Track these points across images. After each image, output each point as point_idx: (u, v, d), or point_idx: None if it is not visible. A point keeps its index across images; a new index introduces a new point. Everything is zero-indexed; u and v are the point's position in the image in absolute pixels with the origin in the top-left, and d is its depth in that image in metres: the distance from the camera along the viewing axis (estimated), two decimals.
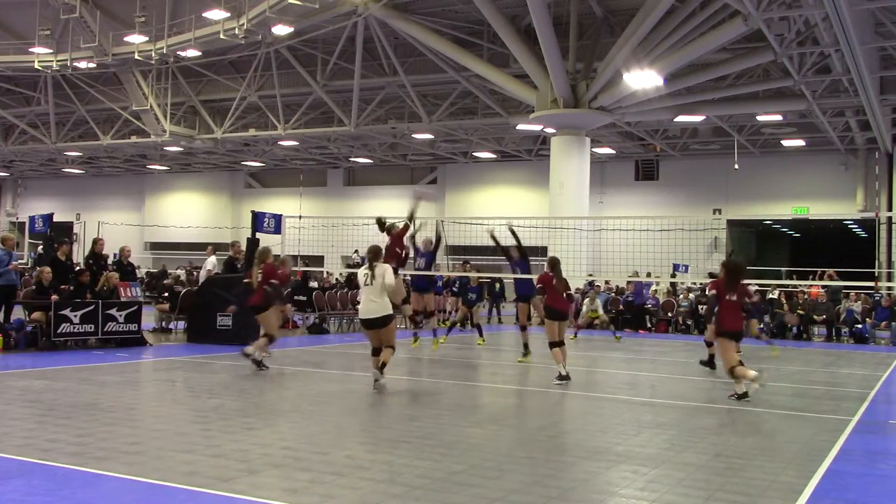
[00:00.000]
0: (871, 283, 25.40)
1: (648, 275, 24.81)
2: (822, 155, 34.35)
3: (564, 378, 11.69)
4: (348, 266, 29.78)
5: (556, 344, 11.89)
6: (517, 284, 15.28)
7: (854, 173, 33.94)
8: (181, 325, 18.21)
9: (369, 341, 10.99)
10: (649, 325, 24.80)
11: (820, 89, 25.47)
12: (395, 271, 12.69)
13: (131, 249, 18.68)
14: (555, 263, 12.14)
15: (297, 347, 16.83)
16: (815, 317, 22.78)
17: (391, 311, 10.79)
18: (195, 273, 24.71)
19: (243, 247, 17.80)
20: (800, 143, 33.23)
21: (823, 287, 23.08)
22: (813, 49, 22.03)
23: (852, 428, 8.99)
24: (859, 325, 22.39)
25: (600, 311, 22.74)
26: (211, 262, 20.16)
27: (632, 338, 21.77)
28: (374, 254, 10.86)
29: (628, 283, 24.70)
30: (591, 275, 26.97)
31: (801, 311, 22.98)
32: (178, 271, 28.98)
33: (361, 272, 10.76)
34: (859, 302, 23.38)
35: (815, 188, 34.07)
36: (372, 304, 10.61)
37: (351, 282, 24.80)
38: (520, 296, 15.40)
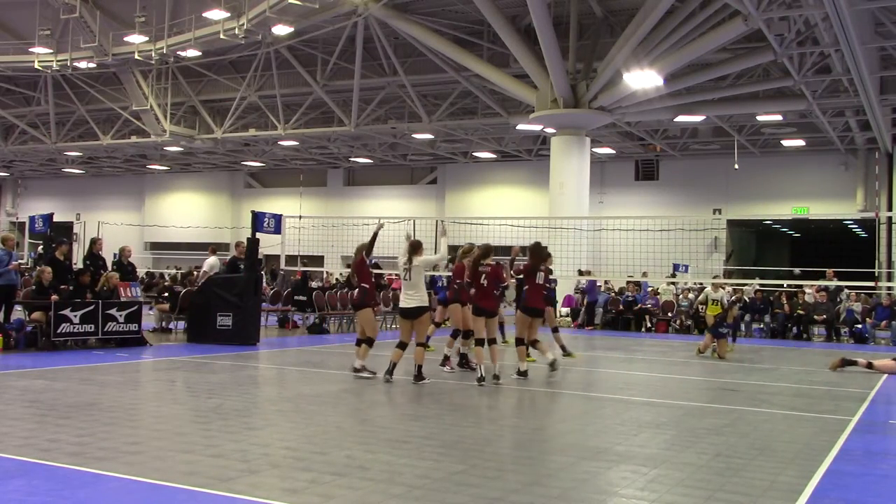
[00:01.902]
0: (871, 283, 25.41)
1: (644, 274, 24.83)
2: (822, 155, 34.35)
3: (481, 380, 11.55)
4: (349, 266, 29.81)
5: (480, 342, 11.85)
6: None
7: (854, 173, 33.93)
8: (181, 325, 18.24)
9: (400, 333, 11.70)
10: (649, 324, 24.81)
11: (820, 89, 25.46)
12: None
13: (132, 249, 18.68)
14: (485, 252, 11.97)
15: (298, 347, 16.84)
16: (815, 317, 22.78)
17: (426, 305, 11.58)
18: (195, 272, 24.70)
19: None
20: (800, 143, 33.22)
21: (823, 287, 23.08)
22: (813, 49, 22.02)
23: (852, 428, 9.00)
24: (859, 325, 22.39)
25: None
26: (208, 264, 20.12)
27: (586, 335, 21.74)
28: (413, 248, 11.55)
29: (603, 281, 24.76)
30: (587, 272, 26.96)
31: (801, 311, 22.98)
32: (175, 271, 28.97)
33: (401, 267, 11.54)
34: (859, 302, 23.36)
35: (815, 188, 34.06)
36: (408, 296, 11.47)
37: (350, 282, 24.76)
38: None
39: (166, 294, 19.45)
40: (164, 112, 34.28)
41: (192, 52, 29.49)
